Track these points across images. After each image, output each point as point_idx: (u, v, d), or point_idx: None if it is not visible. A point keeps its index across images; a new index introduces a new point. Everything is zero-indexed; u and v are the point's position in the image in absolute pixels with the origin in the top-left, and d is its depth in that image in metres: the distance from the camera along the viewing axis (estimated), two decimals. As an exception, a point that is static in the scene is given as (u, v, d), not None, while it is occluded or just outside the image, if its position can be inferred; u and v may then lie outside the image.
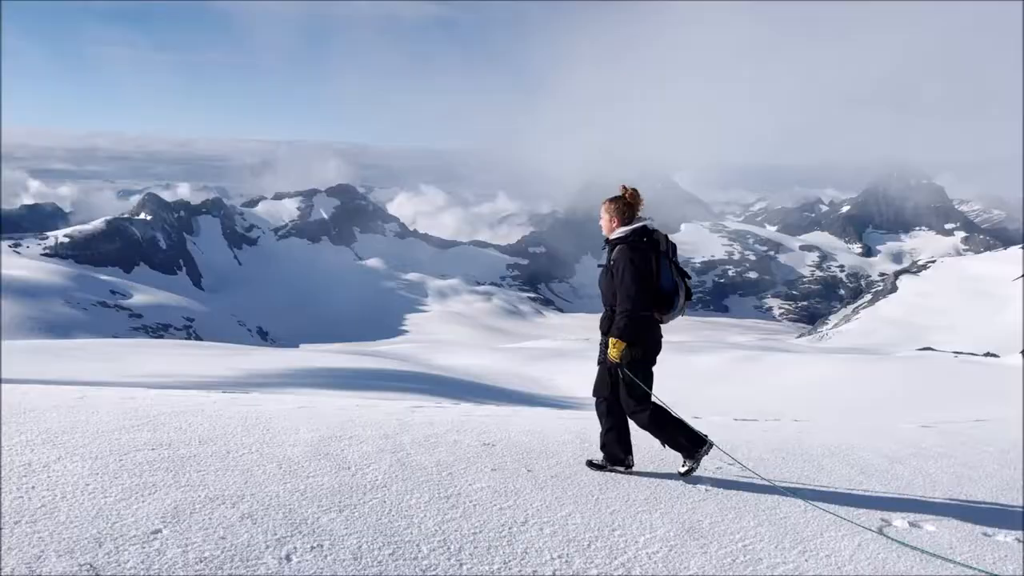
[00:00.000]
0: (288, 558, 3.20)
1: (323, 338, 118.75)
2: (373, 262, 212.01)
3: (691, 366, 35.56)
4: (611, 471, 5.10)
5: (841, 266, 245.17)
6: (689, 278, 5.08)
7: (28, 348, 26.16)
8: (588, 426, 6.41)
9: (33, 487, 3.72)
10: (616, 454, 5.10)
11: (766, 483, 5.14)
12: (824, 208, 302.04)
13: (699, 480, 5.06)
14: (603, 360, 5.04)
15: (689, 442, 4.98)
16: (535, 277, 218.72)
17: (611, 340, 4.84)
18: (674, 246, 5.06)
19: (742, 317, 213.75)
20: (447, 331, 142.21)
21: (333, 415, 6.36)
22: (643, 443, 5.92)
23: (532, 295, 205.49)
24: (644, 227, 4.98)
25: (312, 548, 3.33)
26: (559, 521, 4.01)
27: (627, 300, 4.79)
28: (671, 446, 5.06)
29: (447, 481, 4.52)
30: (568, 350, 47.55)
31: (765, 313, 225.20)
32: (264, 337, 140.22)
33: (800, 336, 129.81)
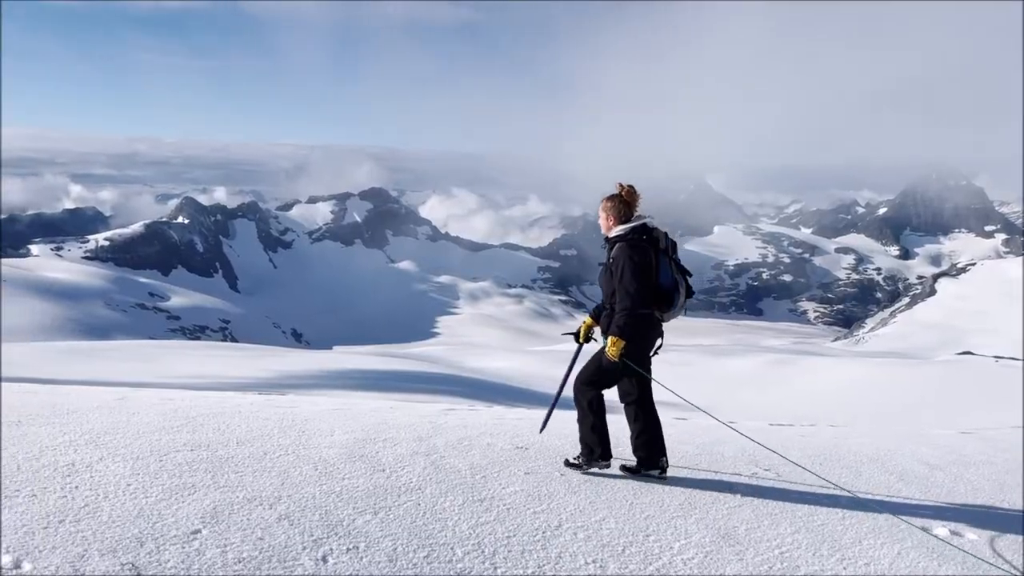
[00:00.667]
0: (324, 559, 3.23)
1: (356, 340, 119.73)
2: (405, 265, 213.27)
3: (724, 370, 35.28)
4: (645, 475, 5.01)
5: (878, 269, 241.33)
6: (690, 275, 5.03)
7: (68, 349, 26.73)
8: (620, 431, 6.38)
9: (76, 487, 3.80)
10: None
11: (803, 489, 5.08)
12: (860, 210, 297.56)
13: (734, 487, 5.01)
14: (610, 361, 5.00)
15: (599, 447, 4.95)
16: (566, 280, 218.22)
17: (610, 338, 4.82)
18: (674, 243, 5.01)
19: (776, 320, 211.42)
20: (478, 333, 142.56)
21: (367, 417, 6.41)
22: (677, 448, 5.89)
23: (564, 298, 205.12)
24: (643, 224, 4.94)
25: (348, 550, 3.36)
26: (593, 526, 4.00)
27: (627, 298, 4.76)
28: (583, 435, 5.01)
29: (481, 484, 4.53)
30: (600, 353, 47.40)
31: (800, 316, 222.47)
32: (298, 339, 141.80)
33: (836, 340, 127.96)
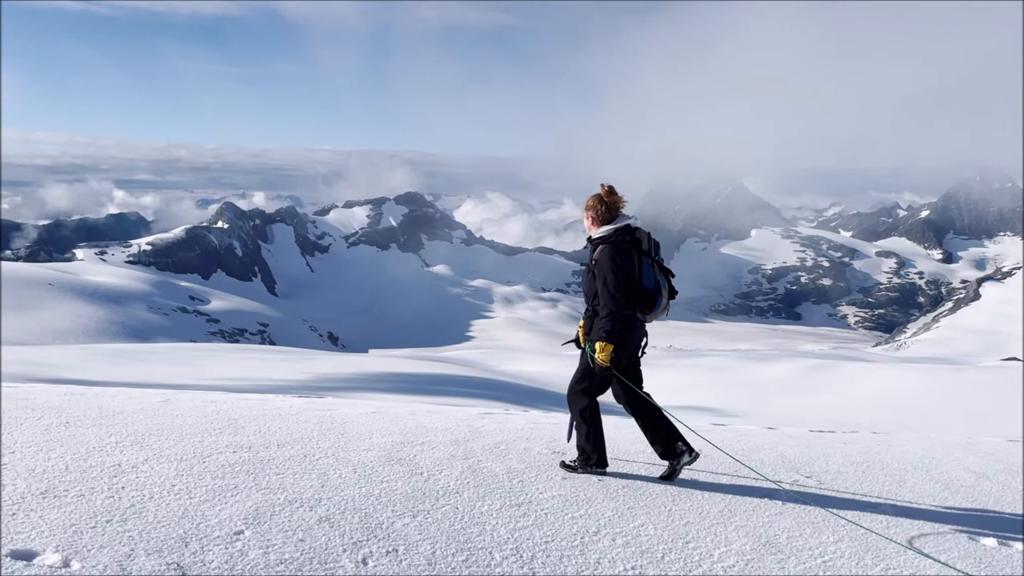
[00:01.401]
0: (364, 562, 3.25)
1: (391, 343, 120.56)
2: (440, 269, 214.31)
3: (761, 374, 34.83)
4: (676, 466, 4.96)
5: (920, 273, 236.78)
6: (673, 276, 4.97)
7: (112, 352, 27.30)
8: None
9: (123, 487, 3.88)
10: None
11: (847, 497, 4.99)
12: (902, 213, 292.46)
13: (775, 494, 4.94)
14: (592, 363, 4.95)
15: (595, 454, 4.92)
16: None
17: (598, 344, 4.77)
18: (657, 244, 4.95)
19: (815, 325, 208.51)
20: (513, 337, 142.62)
21: (404, 420, 6.45)
22: (716, 454, 5.83)
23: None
24: (627, 226, 4.87)
25: (387, 552, 3.38)
26: (631, 532, 3.97)
27: (610, 301, 4.73)
28: (578, 441, 4.97)
29: (518, 488, 4.53)
30: (635, 357, 47.13)
31: (839, 321, 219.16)
32: (334, 342, 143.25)
33: (877, 345, 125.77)
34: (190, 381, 16.86)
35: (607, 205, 4.91)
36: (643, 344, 5.00)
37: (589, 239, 4.99)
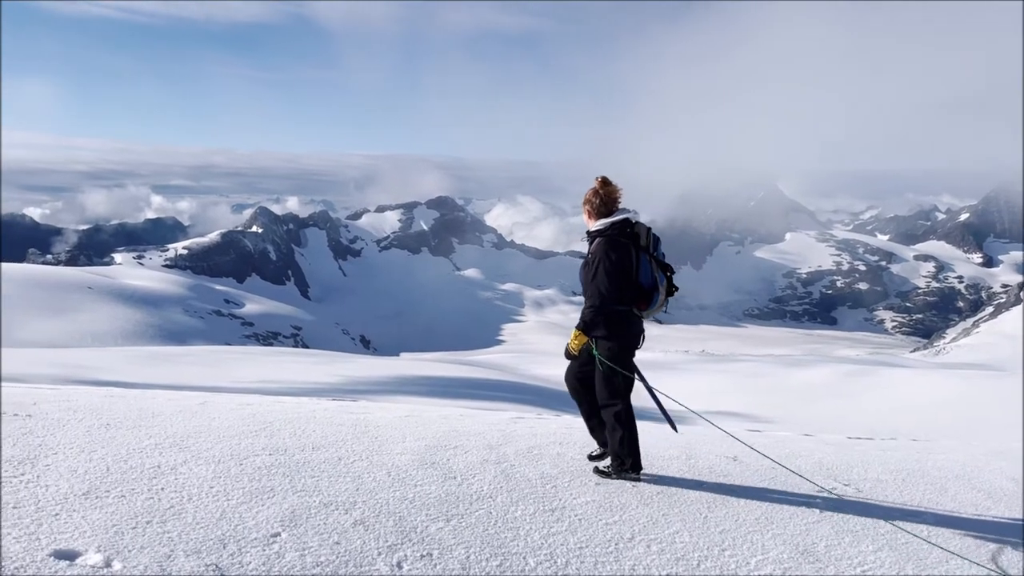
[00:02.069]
0: (399, 566, 3.26)
1: (422, 347, 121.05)
2: (471, 272, 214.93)
3: (796, 380, 34.39)
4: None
5: (960, 277, 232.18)
6: (672, 272, 4.89)
7: (149, 354, 27.76)
8: (694, 441, 6.30)
9: (162, 489, 3.93)
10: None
11: (886, 505, 4.90)
12: (940, 216, 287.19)
13: (812, 502, 4.87)
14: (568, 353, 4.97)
15: (630, 458, 4.84)
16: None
17: (575, 332, 4.79)
18: (656, 239, 4.87)
19: (851, 330, 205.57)
20: (543, 341, 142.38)
21: (437, 424, 6.47)
22: (752, 461, 5.76)
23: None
24: (625, 220, 4.80)
25: (422, 556, 3.38)
26: (666, 539, 3.94)
27: (596, 296, 4.69)
28: (612, 447, 4.89)
29: (551, 494, 4.51)
30: (666, 362, 46.83)
31: (876, 326, 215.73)
32: (366, 345, 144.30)
33: (915, 351, 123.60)
34: (226, 384, 17.09)
35: (602, 197, 4.85)
36: (640, 341, 4.93)
37: (587, 232, 4.95)
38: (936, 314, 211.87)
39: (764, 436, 7.95)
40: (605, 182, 4.87)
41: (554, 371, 36.77)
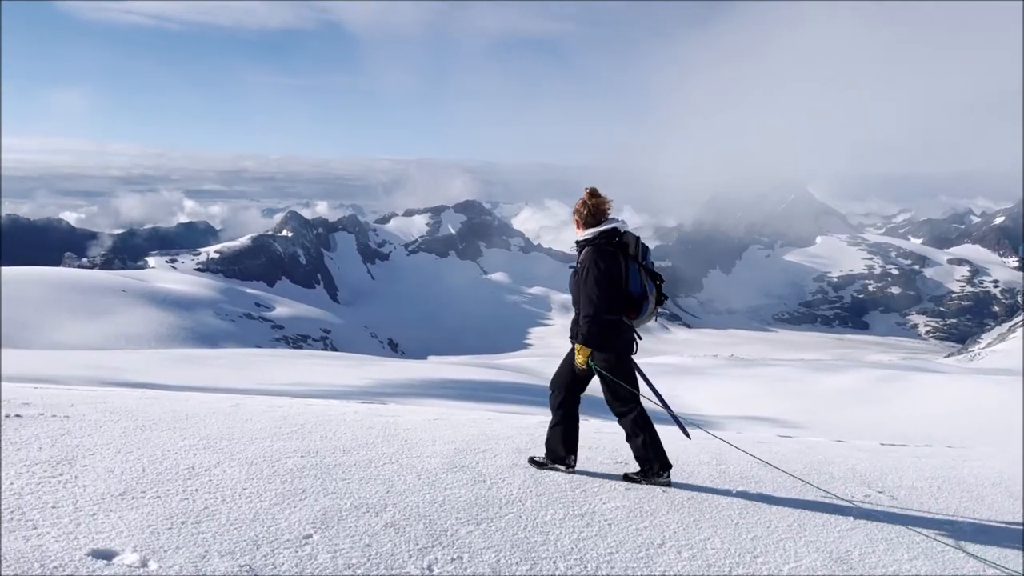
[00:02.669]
0: (430, 569, 3.27)
1: (449, 350, 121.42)
2: (498, 276, 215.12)
3: (826, 385, 33.93)
4: (551, 469, 5.03)
5: (995, 281, 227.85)
6: (662, 281, 4.89)
7: (182, 357, 28.13)
8: (724, 447, 6.24)
9: (197, 490, 3.99)
10: (558, 451, 5.03)
11: (921, 514, 4.82)
12: (975, 219, 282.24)
13: (845, 508, 4.81)
14: (571, 363, 4.96)
15: (656, 460, 4.84)
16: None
17: (577, 347, 4.80)
18: (645, 249, 4.90)
19: (883, 335, 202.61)
20: (570, 345, 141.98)
21: (466, 428, 6.48)
22: (783, 467, 5.70)
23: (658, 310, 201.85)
24: (614, 229, 4.83)
25: (452, 560, 3.39)
26: (697, 545, 3.91)
27: (589, 305, 4.70)
28: (637, 456, 4.90)
29: (581, 498, 4.50)
30: (695, 367, 46.49)
31: (909, 331, 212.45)
32: (394, 349, 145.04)
33: (949, 356, 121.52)
34: (257, 386, 17.26)
35: (590, 207, 4.90)
36: (634, 347, 4.94)
37: (576, 242, 4.99)
38: (971, 319, 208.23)
39: (796, 442, 7.87)
40: (593, 193, 4.94)
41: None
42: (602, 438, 6.53)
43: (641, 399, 4.92)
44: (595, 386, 5.02)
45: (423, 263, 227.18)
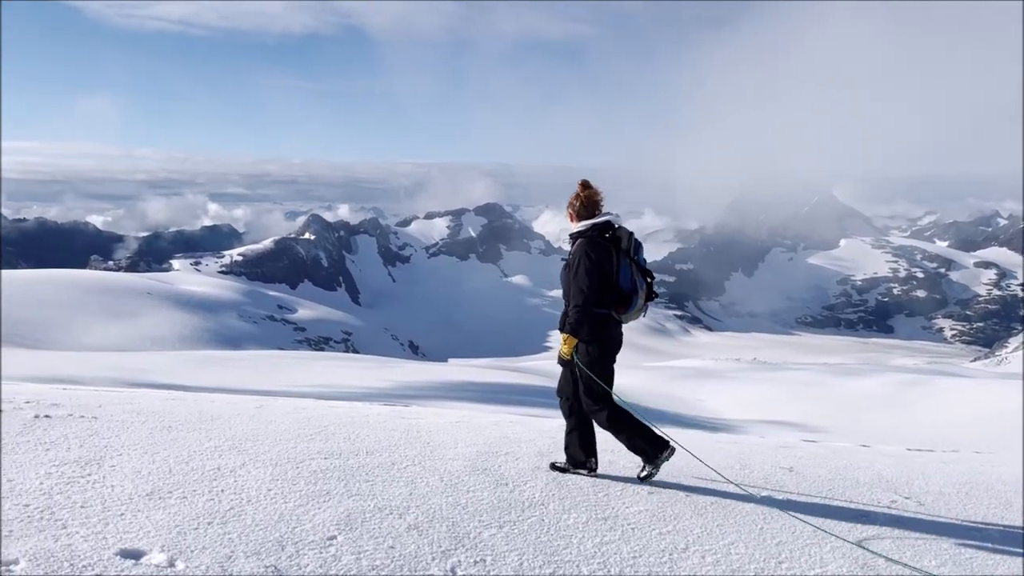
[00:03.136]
0: (453, 571, 3.28)
1: (470, 353, 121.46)
2: (518, 279, 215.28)
3: (850, 389, 33.58)
4: (574, 473, 5.00)
5: (1022, 285, 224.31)
6: (652, 278, 4.86)
7: (205, 358, 28.41)
8: (747, 451, 6.20)
9: (222, 490, 4.02)
10: (577, 456, 5.01)
11: (948, 520, 4.76)
12: (1002, 222, 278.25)
13: (870, 515, 4.76)
14: (561, 359, 4.94)
15: (649, 446, 4.80)
16: (682, 294, 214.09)
17: (563, 336, 4.76)
18: (638, 244, 4.86)
19: (908, 338, 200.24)
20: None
21: (488, 430, 6.49)
22: (808, 472, 5.65)
23: (679, 312, 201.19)
24: (607, 222, 4.81)
25: (475, 562, 3.40)
26: (721, 550, 3.89)
27: (579, 295, 4.67)
28: (630, 449, 4.87)
29: (604, 502, 4.49)
30: (716, 370, 46.19)
31: (935, 335, 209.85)
32: (415, 351, 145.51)
33: (975, 360, 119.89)
34: (280, 387, 17.39)
35: (583, 200, 4.90)
36: (618, 345, 4.93)
37: (570, 235, 4.99)
38: (997, 322, 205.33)
39: (820, 446, 7.79)
40: (586, 185, 4.94)
41: (602, 378, 36.56)
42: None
43: (615, 398, 4.88)
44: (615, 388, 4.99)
45: (444, 266, 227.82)
